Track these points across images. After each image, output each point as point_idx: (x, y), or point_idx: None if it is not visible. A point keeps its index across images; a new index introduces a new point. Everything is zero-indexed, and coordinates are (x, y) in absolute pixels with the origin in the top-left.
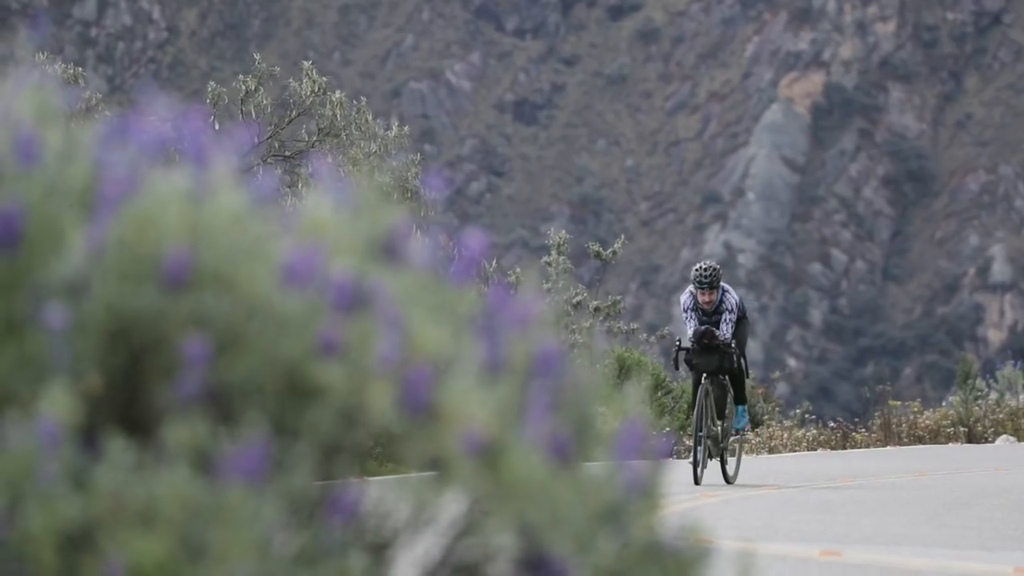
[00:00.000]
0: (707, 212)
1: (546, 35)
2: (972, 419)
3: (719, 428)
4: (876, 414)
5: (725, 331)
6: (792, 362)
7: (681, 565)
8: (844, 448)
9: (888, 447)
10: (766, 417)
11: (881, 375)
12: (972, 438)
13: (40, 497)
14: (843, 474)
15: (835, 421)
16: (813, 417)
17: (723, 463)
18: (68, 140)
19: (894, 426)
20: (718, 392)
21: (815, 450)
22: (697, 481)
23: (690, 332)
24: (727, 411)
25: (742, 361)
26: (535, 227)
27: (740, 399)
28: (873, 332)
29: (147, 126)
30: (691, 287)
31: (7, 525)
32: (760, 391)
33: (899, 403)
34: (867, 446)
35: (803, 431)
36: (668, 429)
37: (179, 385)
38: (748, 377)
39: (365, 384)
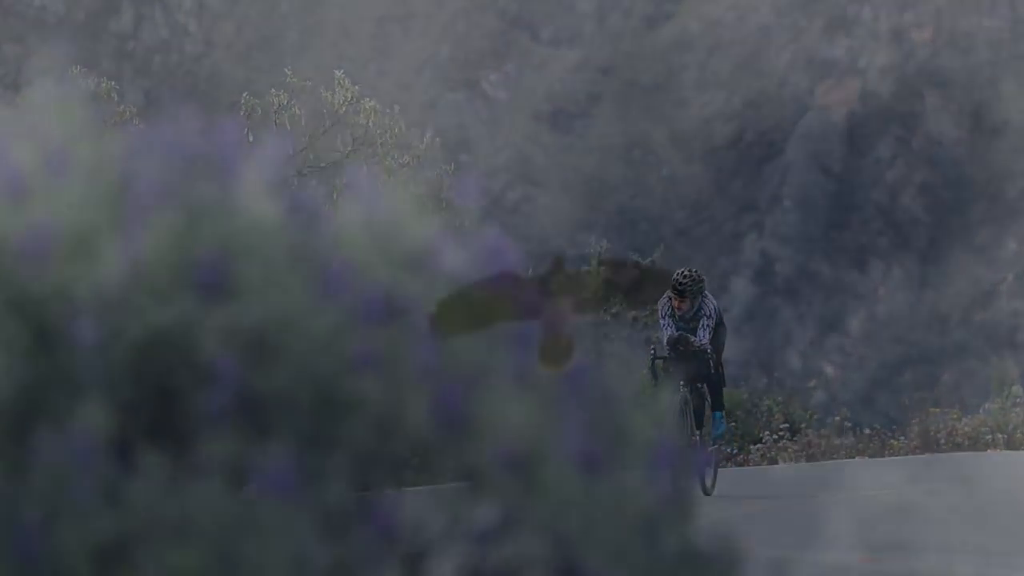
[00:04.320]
0: (744, 220)
1: (581, 45)
2: (1011, 426)
3: (697, 438)
4: (914, 421)
5: (702, 336)
6: (830, 370)
7: (716, 574)
8: (882, 455)
9: (927, 454)
10: (804, 425)
11: (919, 382)
12: (1011, 445)
13: (73, 512)
14: (881, 481)
15: (873, 428)
16: (851, 425)
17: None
18: (98, 154)
19: (933, 433)
20: (697, 401)
21: (853, 458)
22: None
23: (665, 339)
24: (705, 420)
25: (720, 368)
26: (572, 237)
27: (717, 404)
28: (911, 339)
29: (178, 137)
30: (669, 291)
31: (41, 540)
32: (797, 399)
33: (937, 410)
34: (905, 453)
35: (841, 439)
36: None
37: (213, 398)
38: (724, 385)
39: (400, 395)
